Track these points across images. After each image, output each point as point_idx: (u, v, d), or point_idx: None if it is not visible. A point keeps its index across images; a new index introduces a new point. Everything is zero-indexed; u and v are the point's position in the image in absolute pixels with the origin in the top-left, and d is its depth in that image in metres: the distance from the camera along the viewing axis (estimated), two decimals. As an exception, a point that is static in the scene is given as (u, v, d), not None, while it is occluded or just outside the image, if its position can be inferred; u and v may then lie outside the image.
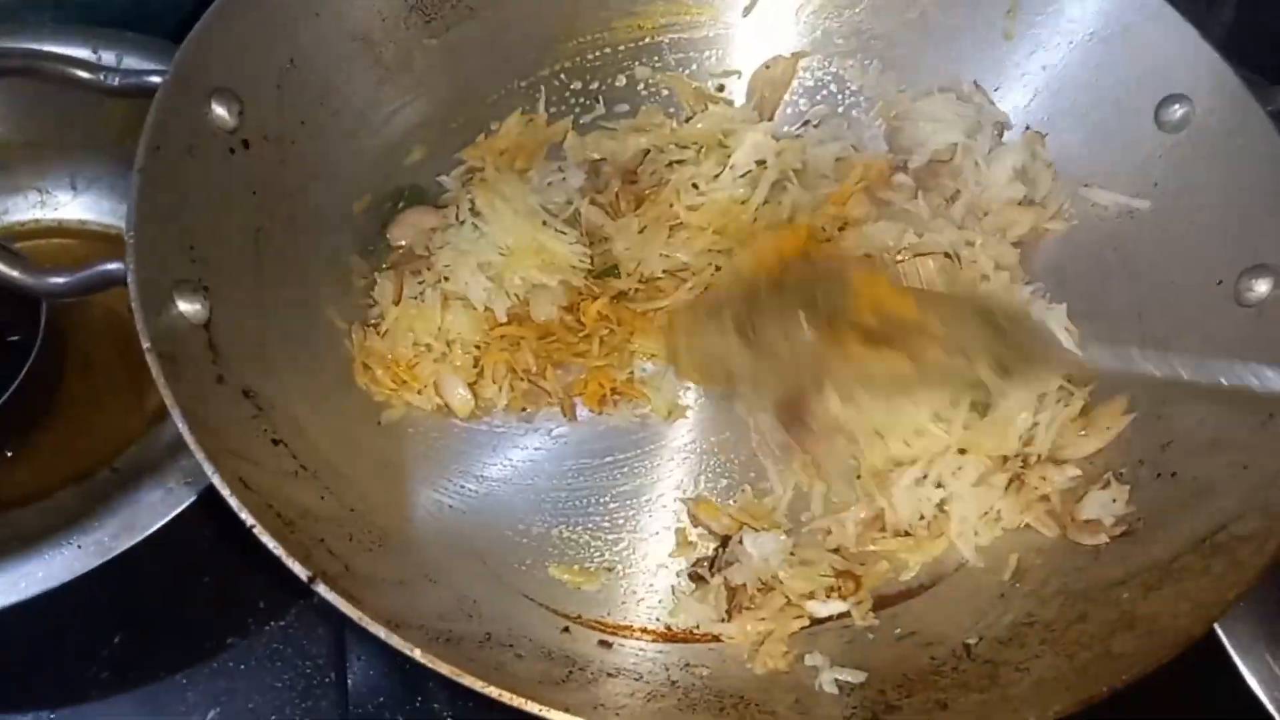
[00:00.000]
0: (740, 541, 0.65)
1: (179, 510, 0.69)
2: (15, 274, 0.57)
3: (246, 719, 0.74)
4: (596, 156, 0.81)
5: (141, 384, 0.88)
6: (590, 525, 0.71)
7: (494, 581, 0.67)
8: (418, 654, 0.45)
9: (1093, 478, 0.66)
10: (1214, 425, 0.64)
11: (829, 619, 0.63)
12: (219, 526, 0.80)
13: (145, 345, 0.54)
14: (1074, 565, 0.63)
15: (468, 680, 0.44)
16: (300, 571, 0.48)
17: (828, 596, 0.63)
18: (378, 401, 0.74)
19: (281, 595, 0.79)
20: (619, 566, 0.69)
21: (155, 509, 0.70)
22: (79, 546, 0.69)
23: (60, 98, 0.88)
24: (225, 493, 0.50)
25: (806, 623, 0.63)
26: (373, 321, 0.75)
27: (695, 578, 0.67)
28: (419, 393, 0.73)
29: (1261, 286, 0.66)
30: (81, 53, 0.82)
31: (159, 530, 0.69)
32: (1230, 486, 0.60)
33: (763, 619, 0.62)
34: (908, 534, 0.66)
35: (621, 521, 0.71)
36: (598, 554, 0.70)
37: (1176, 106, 0.72)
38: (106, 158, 0.93)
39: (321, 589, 0.48)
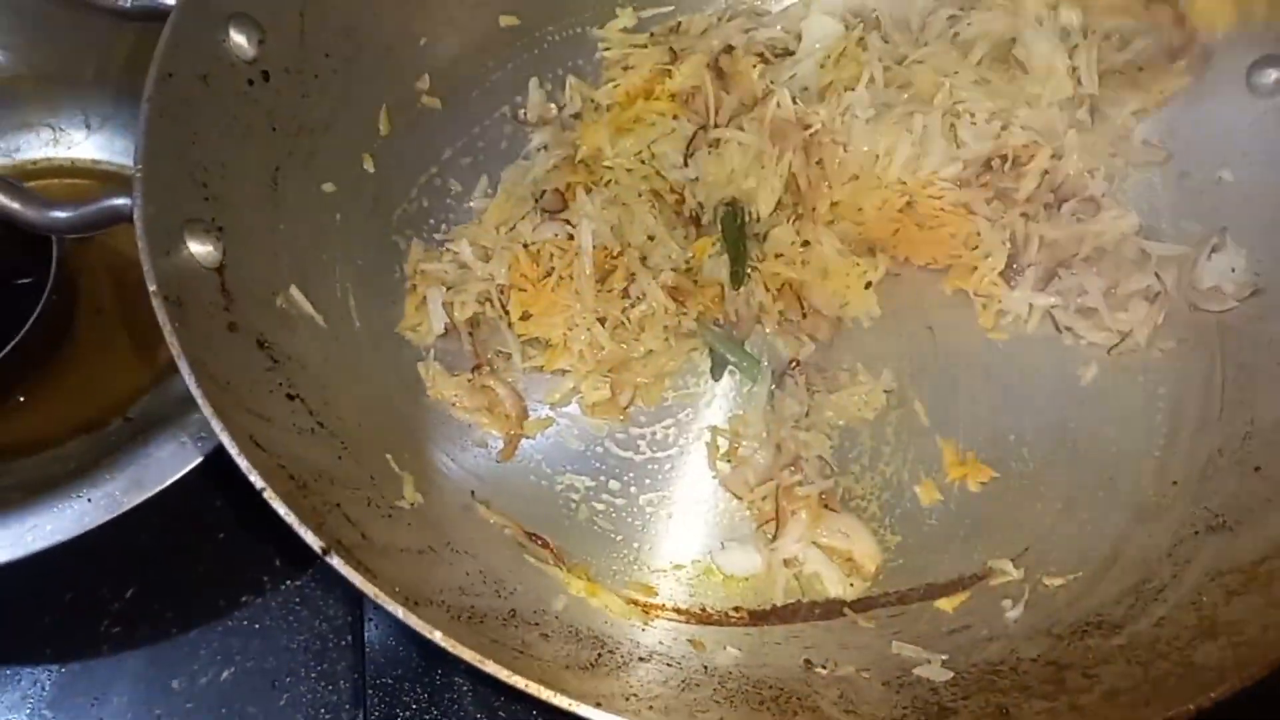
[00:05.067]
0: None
1: (192, 466, 0.66)
2: (16, 206, 0.53)
3: (259, 680, 0.72)
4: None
5: (156, 332, 0.84)
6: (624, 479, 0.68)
7: (519, 550, 0.63)
8: (438, 636, 0.41)
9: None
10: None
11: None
12: (234, 482, 0.78)
13: (151, 288, 0.50)
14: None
15: (490, 667, 0.40)
16: (313, 542, 0.44)
17: None
18: (403, 352, 0.70)
19: (298, 555, 0.75)
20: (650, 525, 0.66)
21: (168, 464, 0.67)
22: (89, 500, 0.66)
23: (74, 29, 0.84)
24: (234, 451, 0.46)
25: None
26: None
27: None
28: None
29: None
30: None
31: (172, 484, 0.66)
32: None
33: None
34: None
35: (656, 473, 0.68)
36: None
37: (1272, 70, 0.66)
38: (121, 94, 0.88)
39: (336, 562, 0.44)
